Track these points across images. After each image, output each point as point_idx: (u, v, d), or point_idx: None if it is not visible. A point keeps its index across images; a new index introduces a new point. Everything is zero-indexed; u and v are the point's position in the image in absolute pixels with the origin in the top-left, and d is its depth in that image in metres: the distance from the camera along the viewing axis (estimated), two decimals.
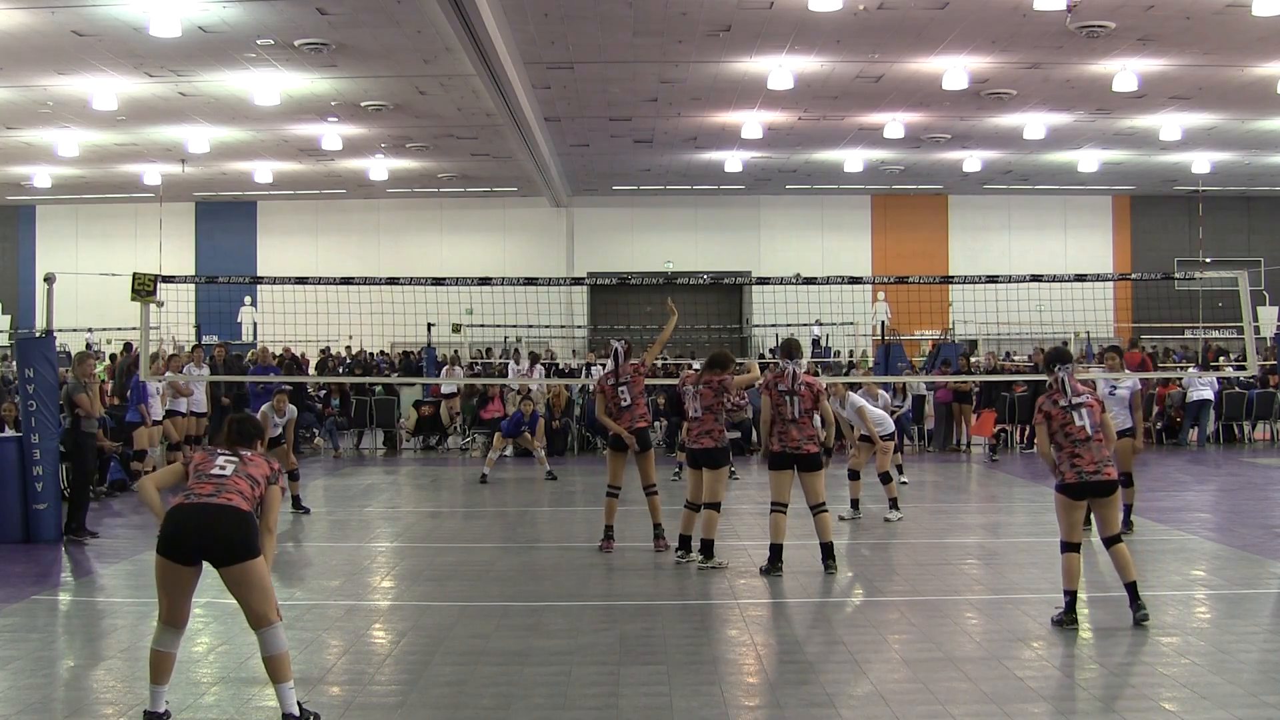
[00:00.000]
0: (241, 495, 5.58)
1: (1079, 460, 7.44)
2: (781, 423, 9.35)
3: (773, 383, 9.48)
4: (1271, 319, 29.01)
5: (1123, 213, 35.14)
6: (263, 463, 5.82)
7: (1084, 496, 7.49)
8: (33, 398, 11.32)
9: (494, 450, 16.62)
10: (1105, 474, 7.43)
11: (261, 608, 5.53)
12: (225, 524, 5.47)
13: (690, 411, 9.74)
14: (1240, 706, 5.83)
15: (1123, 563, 7.51)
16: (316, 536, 11.90)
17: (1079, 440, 7.46)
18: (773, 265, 32.47)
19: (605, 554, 10.21)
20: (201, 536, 5.47)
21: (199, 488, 5.58)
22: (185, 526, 5.49)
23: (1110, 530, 7.55)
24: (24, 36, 17.11)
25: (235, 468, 5.69)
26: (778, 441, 9.36)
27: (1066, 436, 7.50)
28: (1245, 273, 14.81)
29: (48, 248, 33.99)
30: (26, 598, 8.78)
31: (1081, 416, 7.49)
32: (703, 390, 9.65)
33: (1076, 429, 7.47)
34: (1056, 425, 7.54)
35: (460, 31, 15.85)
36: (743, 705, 6.07)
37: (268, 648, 5.54)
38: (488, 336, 28.52)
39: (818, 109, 22.94)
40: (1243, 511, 12.99)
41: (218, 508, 5.50)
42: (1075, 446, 7.46)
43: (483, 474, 15.94)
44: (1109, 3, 16.30)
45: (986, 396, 19.29)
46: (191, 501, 5.53)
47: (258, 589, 5.52)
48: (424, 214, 34.40)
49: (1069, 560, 7.47)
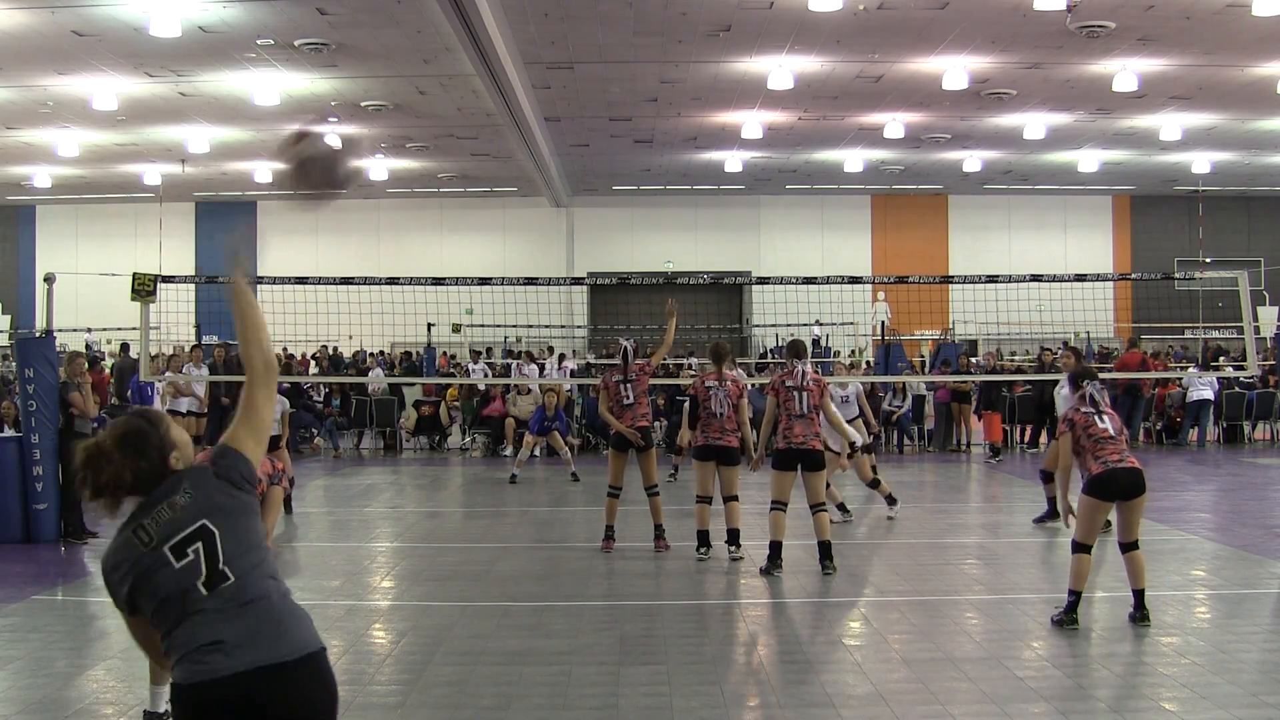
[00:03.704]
0: None
1: (1103, 453, 7.43)
2: (788, 419, 9.40)
3: (779, 381, 9.57)
4: (1271, 319, 29.02)
5: (1123, 213, 35.15)
6: (265, 461, 5.78)
7: (1112, 492, 7.42)
8: (33, 398, 11.32)
9: (524, 449, 16.50)
10: (1129, 462, 7.42)
11: None
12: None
13: (715, 409, 9.83)
14: (1240, 706, 5.83)
15: (1137, 569, 7.48)
16: (316, 536, 11.90)
17: (1102, 439, 7.48)
18: (773, 265, 32.47)
19: (606, 554, 10.21)
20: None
21: None
22: None
23: (1130, 535, 7.51)
24: (24, 36, 17.11)
25: None
26: (783, 439, 9.43)
27: (1090, 437, 7.51)
28: (1245, 273, 14.84)
29: (48, 248, 34.00)
30: (26, 598, 8.78)
31: (1104, 420, 7.57)
32: (730, 387, 9.84)
33: (1100, 430, 7.52)
34: (1080, 429, 7.57)
35: (460, 31, 15.85)
36: (743, 705, 6.07)
37: None
38: (488, 336, 28.52)
39: (818, 109, 22.94)
40: (1243, 511, 12.99)
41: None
42: (1098, 445, 7.47)
43: (512, 474, 15.75)
44: (1109, 3, 16.30)
45: (986, 398, 19.17)
46: None
47: None
48: (424, 214, 34.40)
49: (1080, 561, 7.43)
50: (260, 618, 2.93)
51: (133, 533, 2.98)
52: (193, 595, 2.91)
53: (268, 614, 2.94)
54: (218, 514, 2.98)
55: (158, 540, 2.95)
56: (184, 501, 2.99)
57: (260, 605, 2.94)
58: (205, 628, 2.89)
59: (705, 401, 9.86)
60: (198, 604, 2.91)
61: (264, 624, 2.92)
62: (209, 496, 3.00)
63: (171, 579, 2.93)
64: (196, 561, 2.93)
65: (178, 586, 2.92)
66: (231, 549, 2.95)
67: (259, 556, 3.01)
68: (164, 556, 2.93)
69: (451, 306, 21.48)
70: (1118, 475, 7.38)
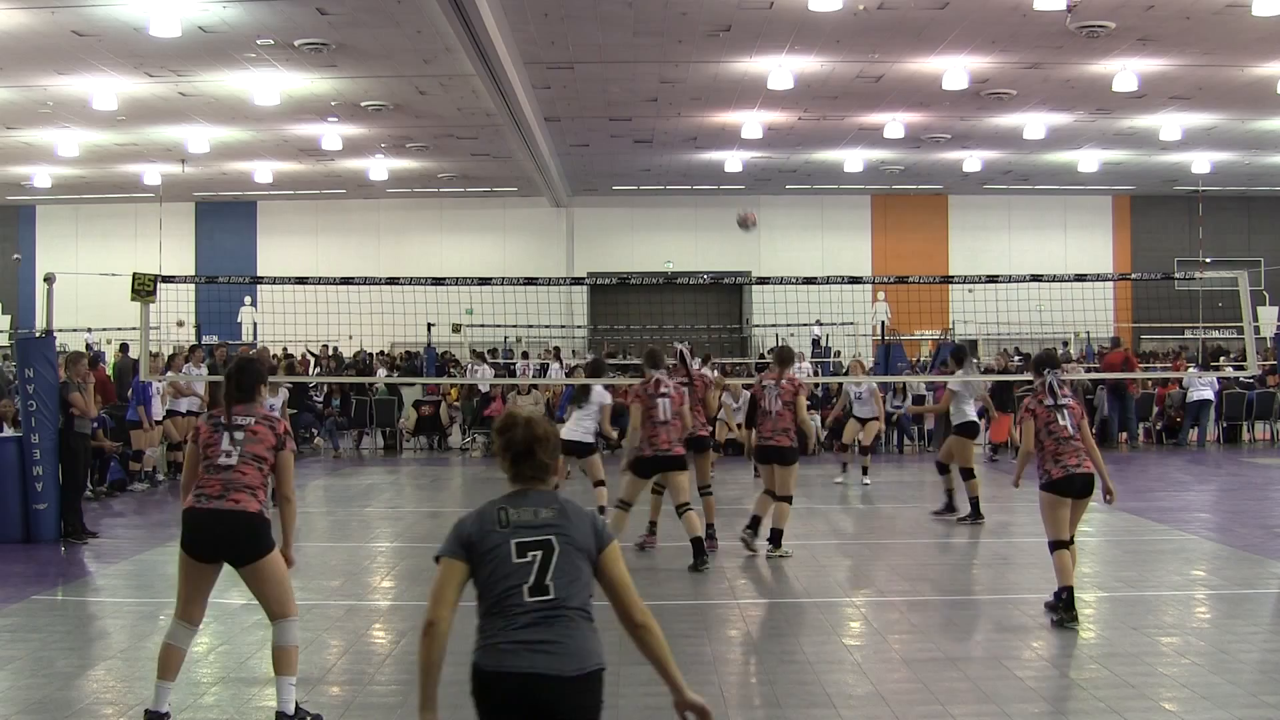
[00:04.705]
0: (249, 490, 5.55)
1: (1063, 457, 7.61)
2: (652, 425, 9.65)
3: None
4: (1271, 319, 29.01)
5: (1123, 213, 35.13)
6: (266, 432, 5.67)
7: (1070, 493, 7.61)
8: (33, 398, 11.32)
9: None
10: (1085, 467, 7.63)
11: (278, 601, 5.62)
12: (234, 531, 5.52)
13: (767, 407, 9.93)
14: (1240, 706, 5.83)
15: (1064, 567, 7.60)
16: (316, 536, 11.90)
17: (1062, 439, 7.67)
18: (773, 265, 32.45)
19: (650, 550, 10.26)
20: (215, 543, 5.56)
21: (208, 486, 5.55)
22: (198, 533, 5.55)
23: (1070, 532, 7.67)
24: (24, 36, 17.10)
25: (239, 452, 5.58)
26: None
27: (1050, 435, 7.70)
28: (1245, 273, 14.83)
29: (48, 248, 33.96)
30: (26, 598, 8.78)
31: (1064, 416, 7.73)
32: (784, 386, 9.94)
33: (1060, 428, 7.69)
34: (1041, 424, 7.74)
35: (460, 32, 15.84)
36: (743, 705, 6.07)
37: (278, 638, 5.63)
38: (488, 336, 28.52)
39: (818, 109, 22.93)
40: (1243, 511, 12.99)
41: (225, 514, 5.50)
42: (1059, 445, 7.66)
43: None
44: (1109, 3, 16.29)
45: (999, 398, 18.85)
46: (201, 507, 5.53)
47: (273, 584, 5.61)
48: (424, 214, 34.38)
49: (1060, 558, 7.55)
50: (560, 633, 3.35)
51: (498, 510, 3.47)
52: (514, 594, 3.35)
53: (568, 632, 3.37)
54: (569, 543, 3.41)
55: (511, 528, 3.41)
56: (548, 517, 3.45)
57: (563, 623, 3.36)
58: (515, 626, 3.33)
59: (760, 400, 10.05)
60: (516, 604, 3.34)
61: (562, 639, 3.35)
62: (575, 529, 3.46)
63: (504, 568, 3.37)
64: (530, 565, 3.36)
65: (505, 578, 3.37)
66: (562, 572, 3.38)
67: (581, 592, 3.42)
68: (508, 545, 3.39)
69: (451, 306, 21.46)
70: (1076, 480, 7.61)
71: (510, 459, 3.54)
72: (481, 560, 3.41)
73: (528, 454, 3.52)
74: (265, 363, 6.10)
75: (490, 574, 3.39)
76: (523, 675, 3.31)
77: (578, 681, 3.35)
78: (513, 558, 3.38)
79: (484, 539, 3.41)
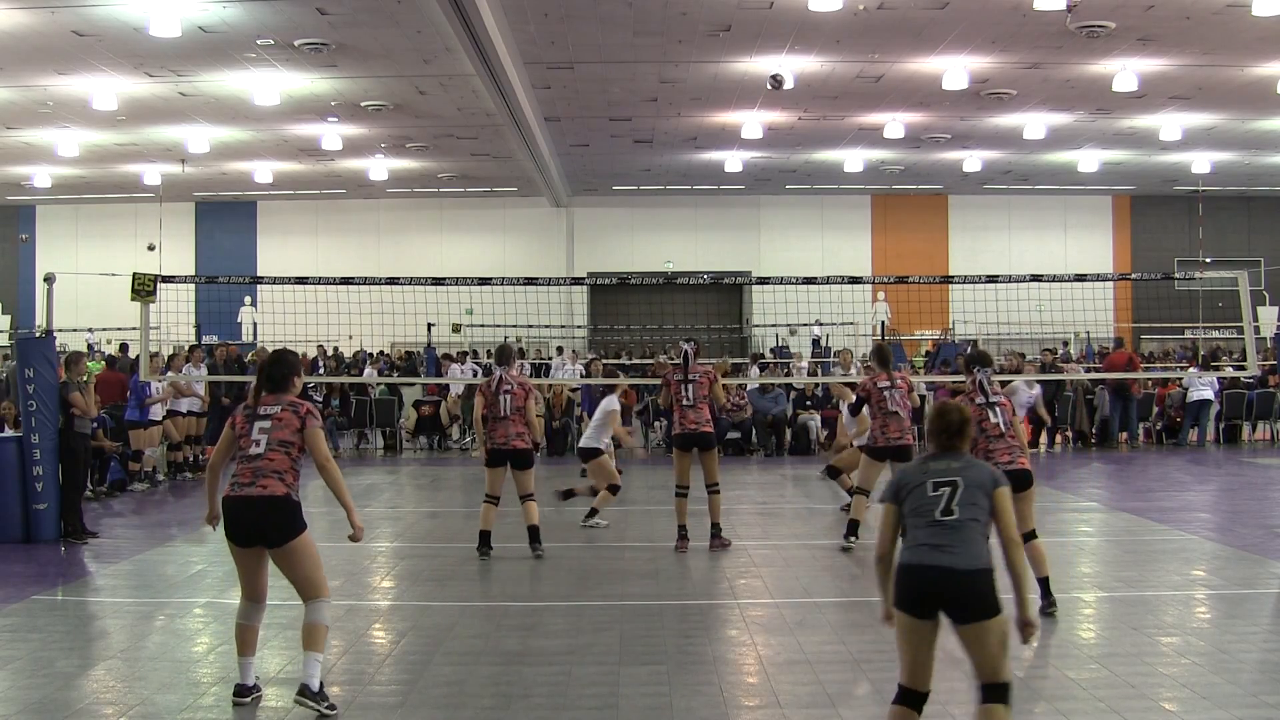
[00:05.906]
0: (278, 475, 5.88)
1: (993, 454, 7.72)
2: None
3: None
4: (1271, 319, 29.02)
5: (1123, 213, 35.14)
6: (290, 417, 5.99)
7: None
8: (33, 398, 11.32)
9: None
10: (1019, 464, 7.75)
11: (310, 582, 5.91)
12: (263, 515, 5.85)
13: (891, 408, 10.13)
14: (1240, 706, 5.83)
15: (1038, 558, 7.70)
16: (317, 536, 11.86)
17: (993, 436, 7.83)
18: (773, 265, 32.47)
19: (680, 554, 10.24)
20: (249, 528, 5.87)
21: (240, 474, 5.90)
22: (234, 519, 5.88)
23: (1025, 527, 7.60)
24: (24, 36, 17.11)
25: (267, 439, 5.90)
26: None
27: (982, 433, 7.81)
28: (1245, 273, 14.84)
29: (48, 248, 33.98)
30: (26, 598, 8.78)
31: (996, 414, 7.91)
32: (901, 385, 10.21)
33: (991, 425, 7.86)
34: (974, 423, 7.72)
35: (460, 31, 15.85)
36: (743, 705, 6.07)
37: (309, 616, 5.90)
38: (488, 336, 28.52)
39: (818, 109, 22.94)
40: (1243, 511, 12.98)
41: (255, 499, 5.83)
42: (990, 442, 7.80)
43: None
44: (1109, 3, 16.30)
45: None
46: (235, 494, 5.87)
47: (304, 565, 5.91)
48: (424, 214, 34.39)
49: (1031, 548, 7.58)
50: (959, 540, 4.66)
51: (922, 461, 4.93)
52: (930, 516, 4.72)
53: (964, 539, 4.67)
54: (972, 483, 4.76)
55: (931, 475, 4.81)
56: (957, 466, 4.82)
57: (962, 533, 4.68)
58: (930, 535, 4.70)
59: (881, 402, 10.15)
60: (931, 520, 4.71)
61: (960, 544, 4.66)
62: (977, 476, 4.80)
63: (925, 500, 4.76)
64: (941, 497, 4.74)
65: (926, 506, 4.74)
66: (963, 503, 4.72)
67: (976, 515, 4.72)
68: (927, 485, 4.78)
69: (451, 306, 21.48)
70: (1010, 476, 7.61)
71: (937, 435, 4.95)
72: (910, 497, 4.80)
73: (960, 432, 4.93)
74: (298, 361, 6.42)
75: (916, 507, 4.76)
76: (933, 567, 4.66)
77: (970, 574, 4.63)
78: (930, 493, 4.76)
79: (908, 486, 4.83)
